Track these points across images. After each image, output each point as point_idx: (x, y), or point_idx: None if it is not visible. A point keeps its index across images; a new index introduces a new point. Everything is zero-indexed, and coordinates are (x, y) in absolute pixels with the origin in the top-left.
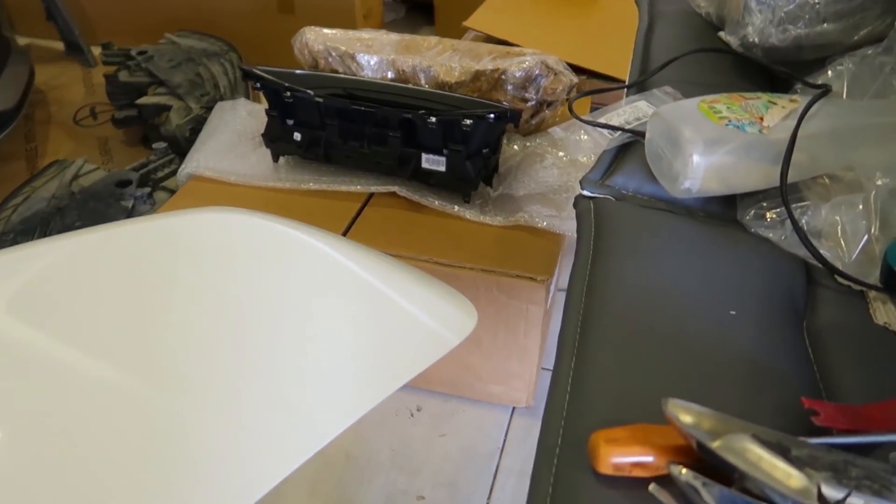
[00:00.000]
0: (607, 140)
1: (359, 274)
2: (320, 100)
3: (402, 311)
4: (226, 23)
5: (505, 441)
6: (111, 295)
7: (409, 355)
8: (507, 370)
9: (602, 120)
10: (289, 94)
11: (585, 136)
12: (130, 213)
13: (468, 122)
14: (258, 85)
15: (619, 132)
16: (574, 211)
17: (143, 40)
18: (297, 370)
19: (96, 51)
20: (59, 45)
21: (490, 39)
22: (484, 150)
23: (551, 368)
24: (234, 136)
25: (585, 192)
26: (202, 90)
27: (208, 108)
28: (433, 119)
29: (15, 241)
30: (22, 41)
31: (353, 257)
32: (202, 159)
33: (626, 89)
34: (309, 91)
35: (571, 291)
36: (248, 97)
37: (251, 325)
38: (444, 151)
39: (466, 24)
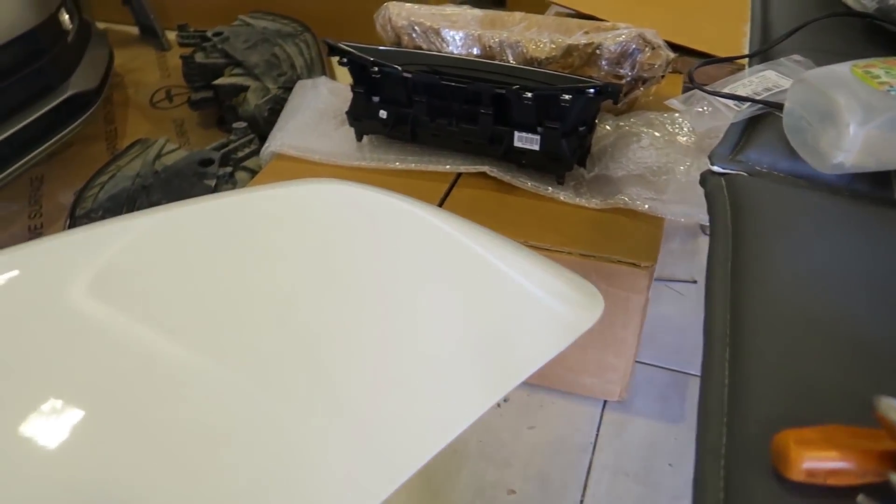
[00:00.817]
0: (707, 120)
1: (479, 253)
2: (408, 75)
3: (528, 294)
4: (297, 3)
5: (598, 436)
6: (209, 272)
7: (537, 341)
8: (601, 362)
9: (727, 90)
10: (376, 69)
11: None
12: (213, 192)
13: (567, 97)
14: (344, 60)
15: (748, 104)
16: (677, 193)
17: (215, 22)
18: (416, 356)
19: (170, 34)
20: (134, 30)
21: (573, 16)
22: (580, 129)
23: (647, 362)
24: (316, 114)
25: (716, 168)
26: (279, 70)
27: (286, 88)
28: (529, 94)
29: (103, 218)
30: (99, 25)
31: (471, 236)
32: (285, 138)
33: (748, 59)
34: (396, 66)
35: (713, 276)
36: (324, 75)
37: (364, 306)
38: (539, 129)
39: None
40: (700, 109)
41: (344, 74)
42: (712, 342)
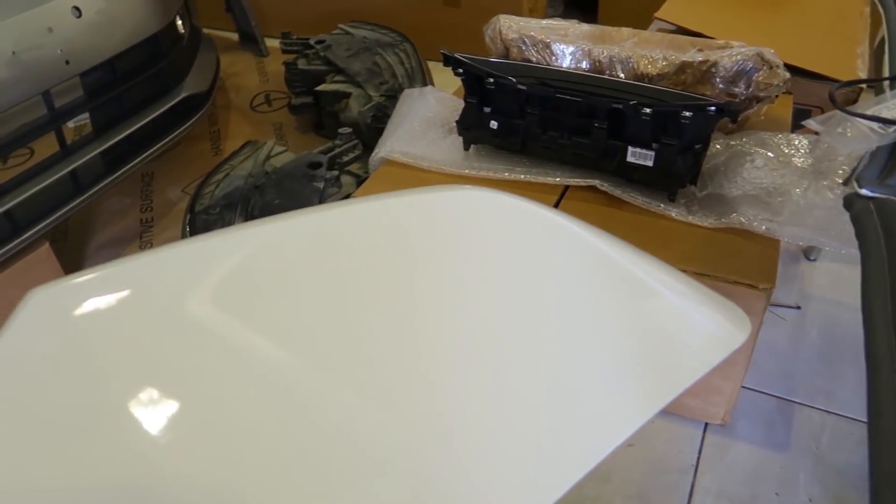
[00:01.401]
0: (849, 142)
1: (629, 268)
2: (523, 87)
3: (677, 309)
4: (392, 15)
5: (699, 458)
6: (346, 279)
7: (687, 358)
8: (707, 384)
9: (870, 112)
10: (491, 80)
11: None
12: (322, 194)
13: (687, 114)
14: (460, 71)
15: (895, 127)
16: (794, 216)
17: (314, 31)
18: (568, 372)
19: (268, 41)
20: (233, 36)
21: (675, 32)
22: (696, 146)
23: (750, 387)
24: (423, 122)
25: (864, 192)
26: (381, 79)
27: (388, 96)
28: (647, 110)
29: (220, 215)
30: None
31: (616, 248)
32: (394, 144)
33: (889, 82)
34: (511, 78)
35: (871, 299)
36: (424, 85)
37: (510, 317)
38: (654, 145)
39: (658, 15)
40: (841, 131)
41: (444, 84)
42: (877, 365)
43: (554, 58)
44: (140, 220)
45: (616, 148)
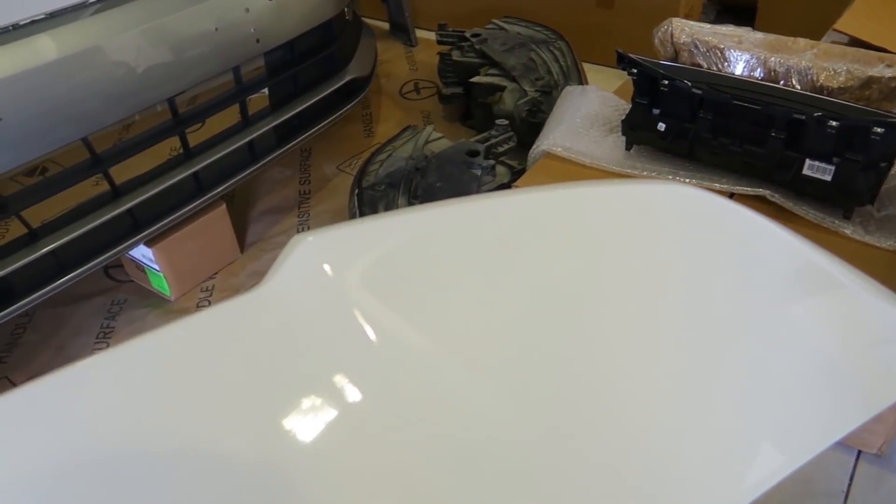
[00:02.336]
0: None
1: (834, 276)
2: (698, 92)
3: (887, 317)
4: (545, 13)
5: (850, 485)
6: (533, 261)
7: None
8: None
9: None
10: (665, 83)
11: None
12: (478, 181)
13: (879, 130)
14: (633, 71)
15: None
16: None
17: (465, 25)
18: (769, 376)
19: (418, 32)
20: (384, 25)
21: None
22: (882, 164)
23: None
24: (585, 120)
25: None
26: (536, 74)
27: (543, 92)
28: (833, 123)
29: (385, 192)
30: None
31: (823, 257)
32: (556, 139)
33: None
34: (687, 82)
35: None
36: (580, 84)
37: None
38: (835, 160)
39: (837, 27)
40: None
41: (597, 84)
42: None
43: (726, 64)
44: (298, 191)
45: (792, 159)
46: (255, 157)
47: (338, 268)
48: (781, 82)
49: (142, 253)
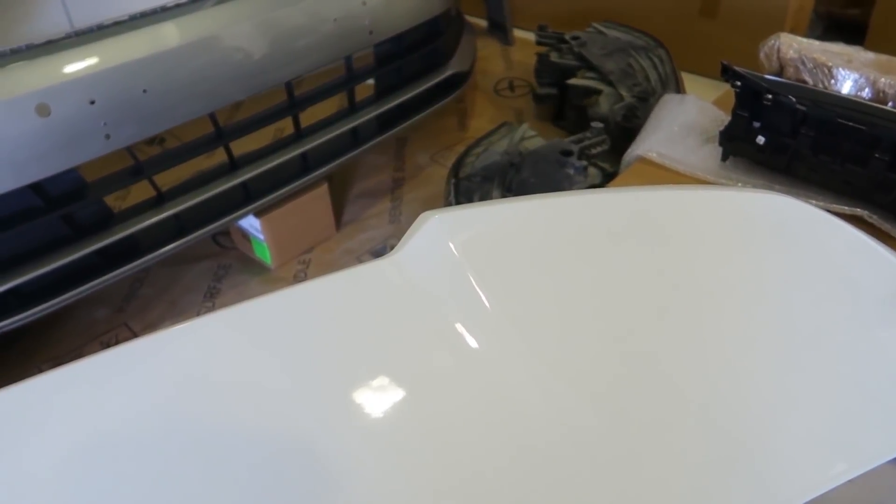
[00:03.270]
0: None
1: None
2: (803, 108)
3: None
4: (646, 19)
5: None
6: (617, 261)
7: None
8: None
9: None
10: (769, 97)
11: None
12: (571, 180)
13: None
14: (737, 83)
15: None
16: None
17: (564, 27)
18: (847, 386)
19: (516, 32)
20: (481, 22)
21: None
22: None
23: None
24: (683, 128)
25: None
26: (634, 80)
27: (639, 98)
28: None
29: (480, 184)
30: None
31: None
32: (652, 145)
33: None
34: (791, 97)
35: None
36: (678, 92)
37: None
38: None
39: None
40: None
41: (695, 93)
42: None
43: (833, 82)
44: (392, 178)
45: (894, 182)
46: (357, 141)
47: (460, 245)
48: (890, 104)
49: (250, 223)
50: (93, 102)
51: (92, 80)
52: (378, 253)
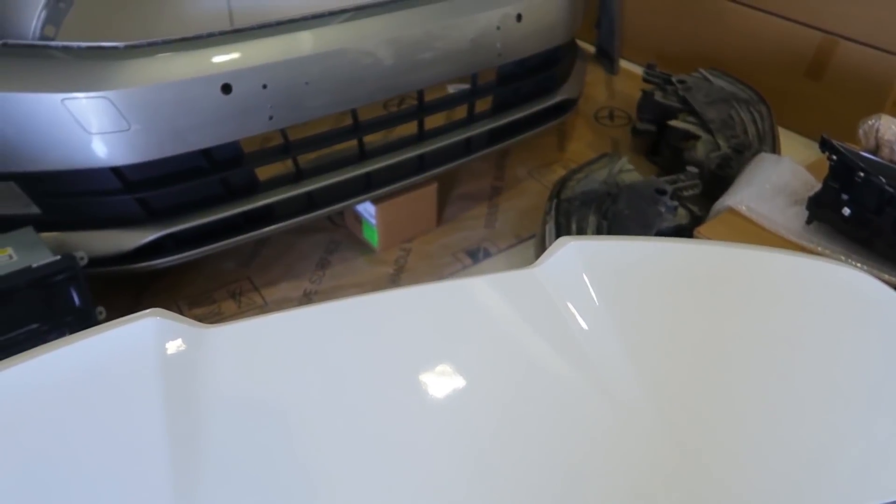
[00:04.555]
0: None
1: None
2: (891, 190)
3: None
4: (751, 72)
5: None
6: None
7: None
8: None
9: None
10: (861, 175)
11: None
12: (662, 219)
13: None
14: (833, 157)
15: None
16: None
17: (670, 67)
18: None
19: (621, 62)
20: (589, 48)
21: None
22: None
23: None
24: (774, 187)
25: None
26: (732, 132)
27: (735, 150)
28: None
29: (579, 208)
30: None
31: None
32: (744, 198)
33: None
34: (882, 178)
35: None
36: (773, 151)
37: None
38: None
39: None
40: None
41: (788, 153)
42: None
43: None
44: (491, 185)
45: None
46: (469, 150)
47: (591, 272)
48: None
49: (365, 208)
50: (265, 87)
51: (267, 69)
52: (473, 254)
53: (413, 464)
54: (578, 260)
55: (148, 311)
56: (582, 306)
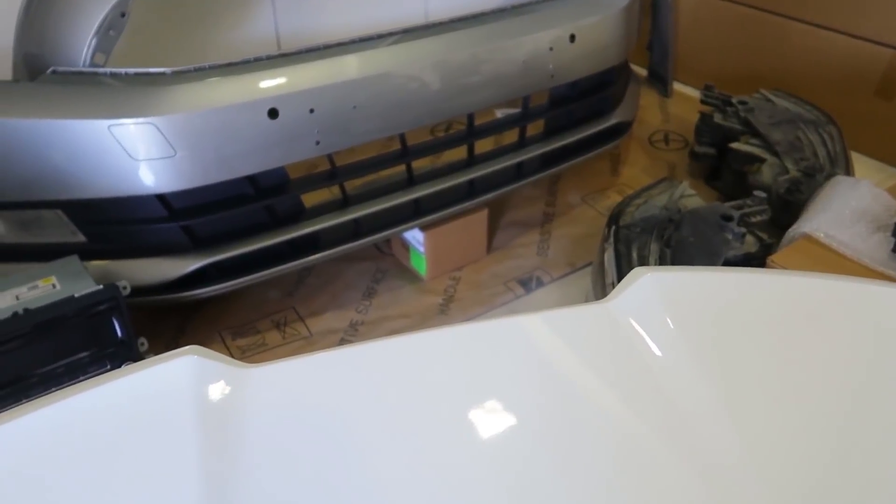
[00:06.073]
0: None
1: None
2: None
3: None
4: (817, 92)
5: None
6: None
7: None
8: None
9: None
10: None
11: None
12: (728, 246)
13: None
14: None
15: None
16: None
17: (730, 89)
18: None
19: (675, 86)
20: (642, 71)
21: None
22: None
23: None
24: (854, 213)
25: None
26: (801, 154)
27: (805, 173)
28: None
29: (639, 234)
30: None
31: None
32: (821, 224)
33: None
34: None
35: None
36: (847, 174)
37: None
38: None
39: None
40: None
41: (863, 176)
42: None
43: None
44: (543, 212)
45: None
46: (520, 175)
47: (670, 305)
48: None
49: (413, 235)
50: (312, 111)
51: (314, 93)
52: (525, 283)
53: None
54: (657, 293)
55: (185, 348)
56: (665, 344)
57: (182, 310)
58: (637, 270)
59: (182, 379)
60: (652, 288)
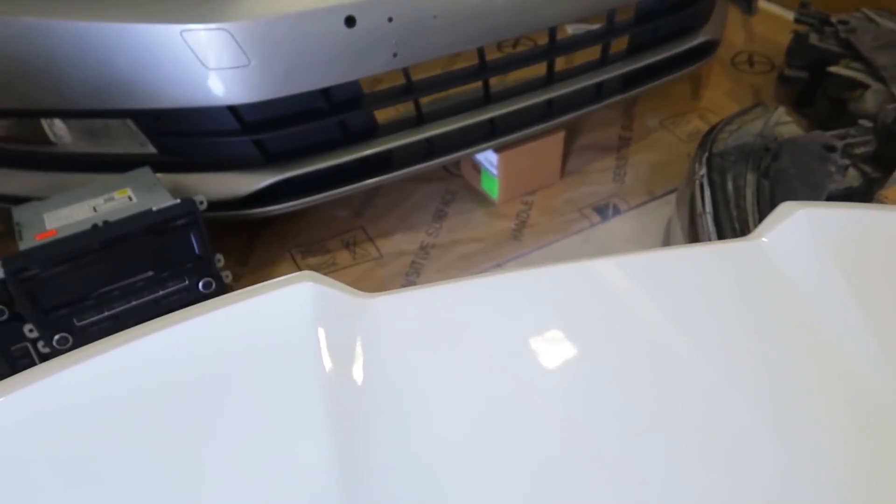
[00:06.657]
0: None
1: None
2: None
3: None
4: None
5: None
6: None
7: None
8: None
9: None
10: None
11: None
12: (832, 179)
13: None
14: None
15: None
16: None
17: (826, 7)
18: None
19: (760, 3)
20: None
21: None
22: None
23: None
24: None
25: None
26: None
27: None
28: None
29: (734, 163)
30: None
31: None
32: None
33: None
34: None
35: None
36: None
37: None
38: None
39: None
40: None
41: None
42: None
43: None
44: (619, 135)
45: None
46: (600, 95)
47: (827, 244)
48: None
49: (486, 157)
50: (391, 20)
51: (394, 0)
52: (602, 210)
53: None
54: (813, 231)
55: (298, 274)
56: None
57: (249, 226)
58: (786, 205)
59: (301, 307)
60: (808, 225)
